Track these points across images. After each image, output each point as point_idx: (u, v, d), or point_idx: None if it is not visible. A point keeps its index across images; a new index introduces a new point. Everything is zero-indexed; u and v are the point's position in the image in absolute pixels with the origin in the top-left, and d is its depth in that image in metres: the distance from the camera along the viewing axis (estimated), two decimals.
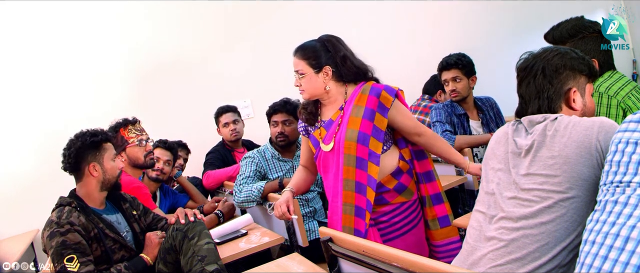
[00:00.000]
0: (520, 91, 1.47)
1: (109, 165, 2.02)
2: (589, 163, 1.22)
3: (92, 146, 1.99)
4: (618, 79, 1.89)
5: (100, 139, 2.01)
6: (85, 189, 1.99)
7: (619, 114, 1.82)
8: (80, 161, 1.97)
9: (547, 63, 1.42)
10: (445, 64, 2.92)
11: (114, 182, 2.05)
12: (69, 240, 1.81)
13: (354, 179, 1.93)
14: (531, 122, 1.40)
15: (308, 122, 2.11)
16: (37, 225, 3.34)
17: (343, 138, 1.95)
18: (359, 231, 1.95)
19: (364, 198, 1.94)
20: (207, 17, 4.08)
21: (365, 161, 1.93)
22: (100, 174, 1.99)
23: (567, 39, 1.95)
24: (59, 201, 1.95)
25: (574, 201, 1.23)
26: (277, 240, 2.18)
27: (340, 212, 1.95)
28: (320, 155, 2.07)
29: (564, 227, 1.23)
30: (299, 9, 4.39)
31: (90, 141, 1.98)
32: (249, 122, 4.15)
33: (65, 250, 1.80)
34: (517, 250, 1.27)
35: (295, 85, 2.03)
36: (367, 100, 1.96)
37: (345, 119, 1.97)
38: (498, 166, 1.44)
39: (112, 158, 2.05)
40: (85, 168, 1.98)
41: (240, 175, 2.68)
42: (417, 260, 1.24)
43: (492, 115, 2.96)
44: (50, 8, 3.54)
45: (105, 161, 2.01)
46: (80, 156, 1.97)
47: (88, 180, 1.98)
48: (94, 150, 2.00)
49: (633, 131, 1.04)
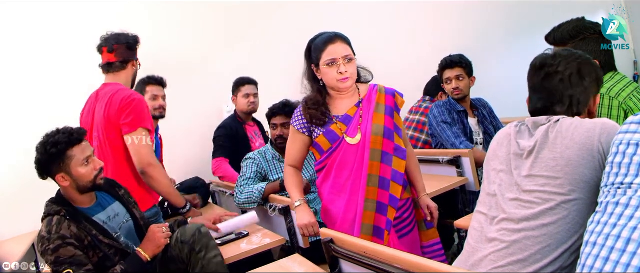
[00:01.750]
0: (547, 84, 1.42)
1: (78, 172, 1.85)
2: (590, 166, 1.22)
3: (55, 158, 1.82)
4: (619, 80, 1.89)
5: (61, 149, 1.83)
6: (66, 194, 1.89)
7: (620, 115, 1.82)
8: (47, 173, 1.85)
9: (582, 65, 1.40)
10: (449, 62, 2.96)
11: (92, 185, 1.89)
12: (63, 256, 1.74)
13: (377, 175, 1.94)
14: (535, 124, 1.39)
15: (316, 120, 2.01)
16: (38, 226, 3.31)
17: (369, 133, 1.95)
18: (378, 228, 1.95)
19: (387, 194, 1.95)
20: (207, 18, 4.07)
21: (390, 156, 1.96)
22: (72, 182, 1.85)
23: (568, 40, 1.95)
24: (46, 209, 1.85)
25: (576, 203, 1.23)
26: (278, 241, 2.17)
27: (359, 209, 1.94)
28: (340, 149, 1.98)
29: (565, 229, 1.23)
30: (299, 10, 4.39)
31: (49, 153, 1.82)
32: None
33: (60, 267, 1.73)
34: (519, 251, 1.27)
35: (343, 71, 1.92)
36: (385, 99, 2.02)
37: (369, 115, 1.98)
38: (500, 167, 1.44)
39: (82, 163, 1.86)
40: (55, 179, 1.85)
41: (241, 176, 2.68)
42: (417, 261, 1.25)
43: (485, 114, 3.01)
44: (51, 8, 3.54)
45: (72, 169, 1.84)
46: (44, 170, 1.85)
47: (63, 187, 1.87)
48: (58, 160, 1.83)
49: (634, 132, 1.04)
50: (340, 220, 2.00)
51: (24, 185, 3.37)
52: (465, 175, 2.63)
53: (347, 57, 1.93)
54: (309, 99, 2.04)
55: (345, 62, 1.93)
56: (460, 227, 1.98)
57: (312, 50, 2.01)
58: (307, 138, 2.07)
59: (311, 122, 2.02)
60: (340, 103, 2.03)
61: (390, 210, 1.96)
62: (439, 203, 2.12)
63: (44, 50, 3.51)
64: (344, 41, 1.96)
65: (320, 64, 1.96)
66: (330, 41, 1.95)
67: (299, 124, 2.06)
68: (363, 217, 1.94)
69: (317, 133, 2.02)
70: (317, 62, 1.97)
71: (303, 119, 2.04)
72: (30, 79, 3.47)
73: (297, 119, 2.07)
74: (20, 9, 3.45)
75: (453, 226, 2.08)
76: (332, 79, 1.95)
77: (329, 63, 1.94)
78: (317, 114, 2.00)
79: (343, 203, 1.99)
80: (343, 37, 1.98)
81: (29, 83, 3.47)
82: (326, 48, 1.94)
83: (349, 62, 1.94)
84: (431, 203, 2.10)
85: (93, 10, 3.65)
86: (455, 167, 2.66)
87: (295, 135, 2.09)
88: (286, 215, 2.31)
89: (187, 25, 4.01)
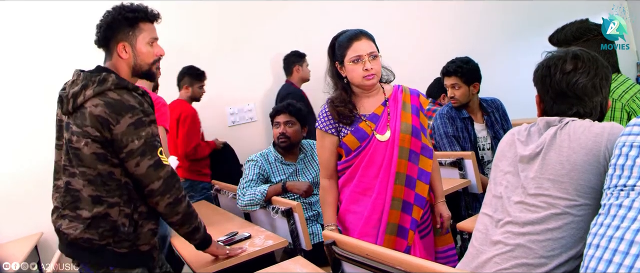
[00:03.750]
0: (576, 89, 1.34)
1: (142, 48, 1.75)
2: (596, 171, 1.20)
3: (126, 23, 1.72)
4: (622, 81, 1.89)
5: (137, 16, 1.74)
6: (114, 70, 1.74)
7: (623, 117, 1.81)
8: (110, 37, 1.73)
9: (606, 70, 1.38)
10: (445, 71, 2.92)
11: (147, 70, 1.79)
12: (156, 134, 1.68)
13: (405, 173, 1.94)
14: (547, 124, 1.37)
15: (344, 117, 1.96)
16: (41, 228, 3.35)
17: (398, 130, 1.94)
18: (403, 228, 1.94)
19: (412, 193, 1.95)
20: (211, 21, 4.08)
21: (417, 154, 1.96)
22: (131, 57, 1.74)
23: (572, 42, 1.95)
24: (105, 76, 1.65)
25: (582, 209, 1.21)
26: (280, 243, 2.17)
27: (386, 207, 1.92)
28: (370, 146, 1.95)
29: (571, 234, 1.21)
30: (302, 13, 4.40)
31: (124, 16, 1.71)
32: (252, 126, 4.16)
33: (158, 142, 1.67)
34: (524, 255, 1.26)
35: (369, 68, 1.89)
36: (411, 98, 2.02)
37: (397, 113, 1.97)
38: (507, 169, 1.43)
39: (149, 42, 1.77)
40: (114, 47, 1.73)
41: (243, 178, 2.68)
42: (420, 263, 1.24)
43: (497, 117, 2.94)
44: (52, 9, 3.55)
45: (138, 43, 1.74)
46: (109, 31, 1.72)
47: (117, 61, 1.75)
48: (128, 28, 1.73)
49: (637, 134, 1.04)
50: (364, 219, 1.95)
51: (25, 188, 3.40)
52: (468, 177, 2.62)
53: (372, 53, 1.91)
54: (335, 98, 2.00)
55: (370, 59, 1.91)
56: (462, 229, 1.98)
57: (335, 48, 1.99)
58: (335, 139, 2.00)
59: (340, 121, 1.97)
60: (367, 101, 2.01)
61: (415, 209, 1.95)
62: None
63: (46, 53, 3.52)
64: (368, 38, 1.95)
65: (345, 61, 1.94)
66: (356, 38, 1.93)
67: (326, 125, 2.00)
68: (389, 215, 1.92)
69: (344, 132, 1.97)
70: (342, 59, 1.95)
71: (330, 119, 1.99)
72: (31, 82, 3.48)
73: (323, 120, 2.00)
74: (20, 11, 3.46)
75: (455, 228, 2.08)
76: (357, 76, 1.93)
77: (354, 60, 1.91)
78: (345, 111, 1.96)
79: (369, 201, 1.95)
80: (368, 34, 1.96)
81: (29, 85, 3.48)
82: (351, 45, 1.92)
83: (374, 59, 1.92)
84: (445, 212, 2.08)
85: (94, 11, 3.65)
86: (457, 169, 2.66)
87: (324, 139, 2.02)
88: (289, 217, 2.31)
89: (191, 28, 4.01)
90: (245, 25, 4.19)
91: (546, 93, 1.40)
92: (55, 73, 3.52)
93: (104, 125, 1.60)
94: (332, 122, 1.99)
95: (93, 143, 1.61)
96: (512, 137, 1.47)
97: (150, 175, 1.64)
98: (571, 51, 1.39)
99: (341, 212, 2.05)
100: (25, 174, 3.42)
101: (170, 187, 1.67)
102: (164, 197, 1.67)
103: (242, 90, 4.13)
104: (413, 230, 1.94)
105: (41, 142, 3.47)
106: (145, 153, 1.63)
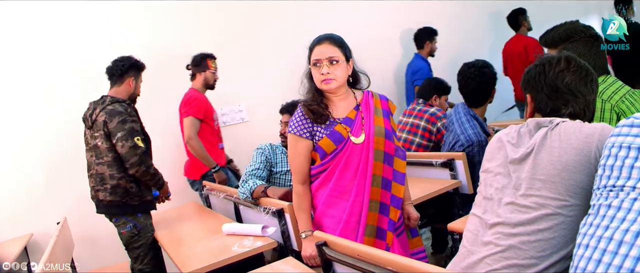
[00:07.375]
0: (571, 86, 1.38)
1: (138, 84, 2.91)
2: (587, 172, 1.21)
3: (137, 67, 2.88)
4: (612, 83, 1.90)
5: (141, 65, 2.91)
6: (120, 95, 2.79)
7: (612, 118, 1.82)
8: (127, 71, 2.82)
9: (594, 76, 1.42)
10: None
11: (135, 98, 2.90)
12: (136, 128, 2.69)
13: (380, 175, 1.96)
14: (538, 125, 1.37)
15: (319, 116, 1.97)
16: (31, 229, 3.34)
17: (372, 133, 1.96)
18: (381, 229, 1.97)
19: (389, 194, 1.98)
20: (202, 22, 4.06)
21: (391, 156, 2.00)
22: (132, 88, 2.85)
23: (559, 43, 1.96)
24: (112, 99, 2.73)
25: (573, 209, 1.21)
26: (270, 244, 2.17)
27: (364, 209, 1.94)
28: (346, 149, 1.95)
29: (562, 235, 1.22)
30: (295, 14, 4.39)
31: (137, 64, 2.87)
32: (243, 126, 4.15)
33: (136, 132, 2.66)
34: (515, 256, 1.26)
35: (325, 73, 1.90)
36: (381, 103, 2.08)
37: (371, 117, 2.00)
38: (498, 170, 1.42)
39: (141, 81, 2.93)
40: (126, 78, 2.82)
41: (250, 165, 2.74)
42: (411, 264, 1.24)
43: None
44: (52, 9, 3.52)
45: (138, 81, 2.89)
46: (129, 68, 2.82)
47: (124, 88, 2.82)
48: (137, 70, 2.88)
49: (626, 135, 1.04)
50: (343, 222, 1.95)
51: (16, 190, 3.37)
52: (459, 177, 2.62)
53: (331, 58, 1.91)
54: (308, 99, 2.01)
55: (328, 64, 1.91)
56: (453, 230, 1.98)
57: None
58: (310, 143, 1.98)
59: (315, 121, 1.97)
60: (339, 105, 2.01)
61: (392, 210, 1.99)
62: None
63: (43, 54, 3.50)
64: (332, 42, 1.94)
65: (310, 64, 1.97)
66: (318, 42, 1.96)
67: (300, 129, 1.98)
68: (367, 217, 1.94)
69: (319, 135, 1.96)
70: (309, 61, 1.98)
71: (305, 121, 1.97)
72: (31, 82, 3.46)
73: (297, 124, 1.99)
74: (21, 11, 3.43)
75: (447, 229, 2.08)
76: (316, 80, 1.95)
77: (314, 63, 1.94)
78: (319, 109, 1.96)
79: (347, 204, 1.95)
80: (333, 39, 1.96)
81: (29, 86, 3.46)
82: (314, 49, 1.96)
83: (333, 64, 1.91)
84: (414, 213, 2.13)
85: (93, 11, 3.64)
86: (448, 169, 2.65)
87: (297, 143, 1.99)
88: (279, 218, 2.30)
89: (182, 28, 4.00)
90: (236, 25, 4.18)
91: (540, 90, 1.42)
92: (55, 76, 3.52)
93: (105, 124, 2.66)
94: (307, 125, 1.97)
95: (103, 138, 2.66)
96: (502, 138, 1.47)
97: (130, 152, 2.63)
98: (563, 54, 1.43)
99: (317, 217, 2.05)
100: (17, 177, 3.40)
101: (143, 161, 2.67)
102: (140, 167, 2.67)
103: (233, 91, 4.11)
104: (391, 230, 1.99)
105: (32, 145, 3.45)
106: (127, 139, 2.62)
